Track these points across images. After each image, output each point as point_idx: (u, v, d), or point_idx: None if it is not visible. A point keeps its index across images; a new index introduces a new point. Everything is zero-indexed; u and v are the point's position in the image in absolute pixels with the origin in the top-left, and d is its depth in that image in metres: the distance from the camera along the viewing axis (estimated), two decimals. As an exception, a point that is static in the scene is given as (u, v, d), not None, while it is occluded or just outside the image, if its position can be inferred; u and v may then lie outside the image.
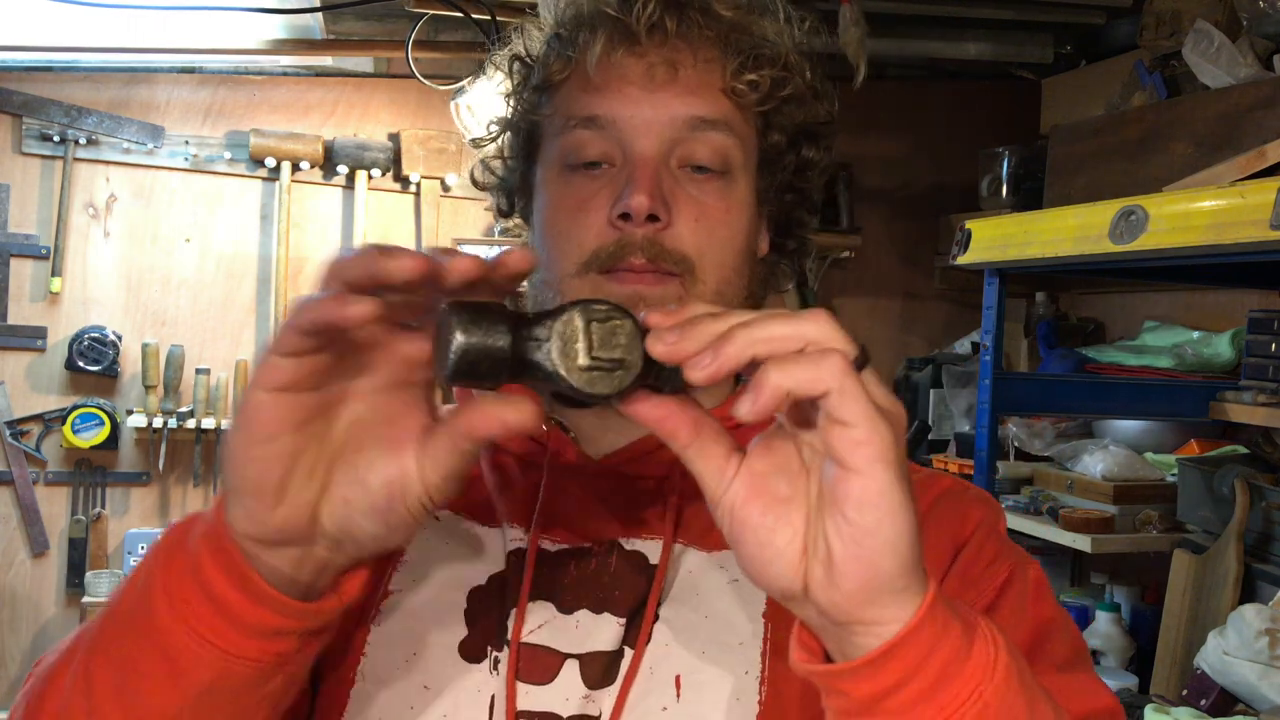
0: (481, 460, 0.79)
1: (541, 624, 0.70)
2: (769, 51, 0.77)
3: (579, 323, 0.50)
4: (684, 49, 0.75)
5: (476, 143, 0.86)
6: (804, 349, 0.47)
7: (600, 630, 0.69)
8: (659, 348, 0.49)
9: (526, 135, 0.81)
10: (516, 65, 0.81)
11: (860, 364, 0.47)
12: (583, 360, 0.50)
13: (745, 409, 0.47)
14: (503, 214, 0.87)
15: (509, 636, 0.69)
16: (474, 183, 0.89)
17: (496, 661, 0.68)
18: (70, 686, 0.59)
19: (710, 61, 0.75)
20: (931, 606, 0.48)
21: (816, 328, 0.48)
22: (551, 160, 0.77)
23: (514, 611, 0.69)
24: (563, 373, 0.50)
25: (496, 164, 0.86)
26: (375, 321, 0.49)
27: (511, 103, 0.82)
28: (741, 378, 0.81)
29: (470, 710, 0.67)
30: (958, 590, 0.69)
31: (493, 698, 0.67)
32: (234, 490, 0.54)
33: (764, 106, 0.77)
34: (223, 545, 0.54)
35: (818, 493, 0.49)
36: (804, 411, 0.49)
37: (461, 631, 0.70)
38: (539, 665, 0.68)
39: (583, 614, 0.70)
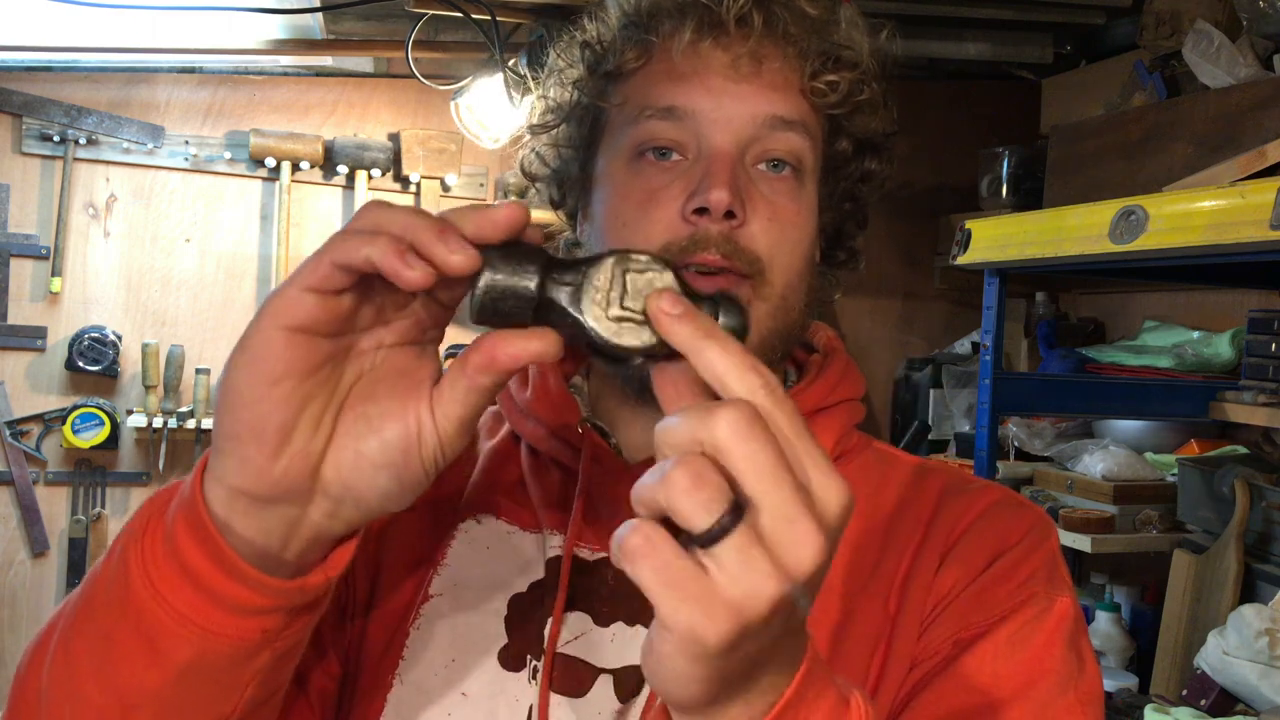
0: (523, 463, 0.77)
1: (578, 635, 0.69)
2: (848, 55, 0.75)
3: (613, 270, 0.47)
4: (769, 44, 0.73)
5: (534, 129, 0.83)
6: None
7: (634, 645, 0.68)
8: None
9: (590, 124, 0.78)
10: (586, 52, 0.78)
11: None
12: (613, 310, 0.47)
13: None
14: (555, 206, 0.84)
15: (545, 646, 0.68)
16: (524, 173, 0.85)
17: (535, 671, 0.68)
18: (51, 664, 0.56)
19: (792, 59, 0.73)
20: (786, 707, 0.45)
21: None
22: (619, 150, 0.74)
23: (550, 621, 0.68)
24: (589, 320, 0.47)
25: (550, 153, 0.82)
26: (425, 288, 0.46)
27: (575, 91, 0.79)
28: (790, 380, 0.80)
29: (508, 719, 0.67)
30: (979, 591, 0.68)
31: (531, 708, 0.67)
32: (230, 436, 0.49)
33: (838, 110, 0.75)
34: (199, 517, 0.50)
35: None
36: None
37: (502, 639, 0.69)
38: (573, 677, 0.67)
39: (618, 626, 0.69)
